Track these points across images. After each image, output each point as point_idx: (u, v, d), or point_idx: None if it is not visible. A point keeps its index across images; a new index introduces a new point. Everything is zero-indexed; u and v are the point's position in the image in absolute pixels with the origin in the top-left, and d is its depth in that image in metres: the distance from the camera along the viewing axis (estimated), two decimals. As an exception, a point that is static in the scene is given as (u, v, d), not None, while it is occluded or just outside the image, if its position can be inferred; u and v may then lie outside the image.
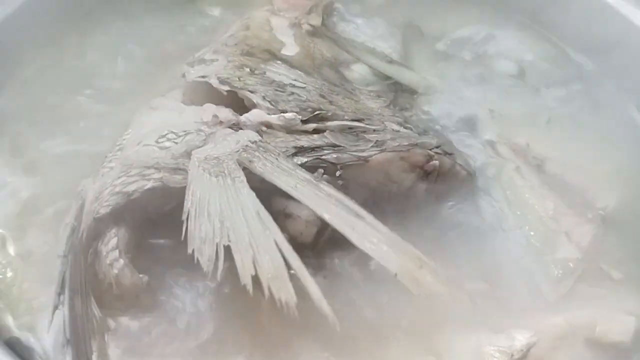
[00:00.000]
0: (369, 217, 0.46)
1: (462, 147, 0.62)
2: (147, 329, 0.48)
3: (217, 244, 0.43)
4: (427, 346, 0.49)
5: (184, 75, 0.61)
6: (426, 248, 0.48)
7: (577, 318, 0.52)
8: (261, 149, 0.50)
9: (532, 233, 0.57)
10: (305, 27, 0.69)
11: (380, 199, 0.54)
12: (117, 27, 0.71)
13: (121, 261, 0.47)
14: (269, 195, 0.49)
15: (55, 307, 0.45)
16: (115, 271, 0.47)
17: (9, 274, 0.51)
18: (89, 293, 0.47)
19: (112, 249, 0.48)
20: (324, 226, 0.51)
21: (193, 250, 0.43)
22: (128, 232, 0.49)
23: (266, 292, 0.41)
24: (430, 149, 0.55)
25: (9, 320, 0.48)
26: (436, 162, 0.55)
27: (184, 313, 0.49)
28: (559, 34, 0.75)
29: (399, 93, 0.65)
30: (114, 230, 0.49)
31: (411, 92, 0.67)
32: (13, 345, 0.46)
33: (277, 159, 0.49)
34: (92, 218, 0.49)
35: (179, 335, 0.48)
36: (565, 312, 0.52)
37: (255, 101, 0.54)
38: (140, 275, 0.48)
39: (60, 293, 0.46)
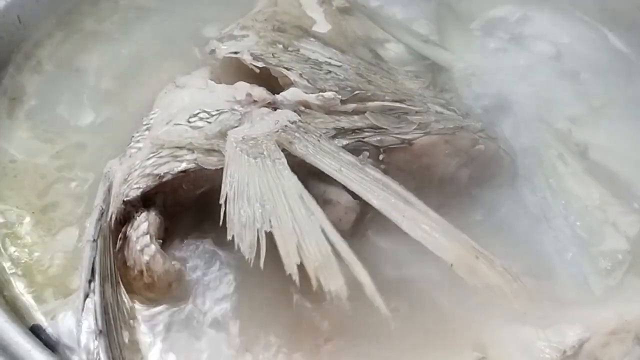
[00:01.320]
0: (419, 203, 0.43)
1: (502, 132, 0.59)
2: (180, 319, 0.45)
3: (258, 229, 0.41)
4: (473, 340, 0.47)
5: (212, 52, 0.58)
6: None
7: (627, 312, 0.49)
8: (301, 129, 0.47)
9: (577, 223, 0.54)
10: (337, 2, 0.66)
11: (421, 183, 0.51)
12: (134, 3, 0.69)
13: (152, 247, 0.45)
14: (305, 181, 0.46)
15: (86, 295, 0.43)
16: (147, 258, 0.44)
17: (34, 258, 0.48)
18: (118, 281, 0.44)
19: (143, 234, 0.45)
20: (363, 213, 0.49)
21: (233, 237, 0.41)
22: (159, 217, 0.46)
23: (314, 281, 0.38)
24: (475, 133, 0.53)
25: (34, 306, 0.45)
26: (482, 147, 0.52)
27: (219, 303, 0.46)
28: (596, 16, 0.72)
29: (436, 74, 0.63)
30: (144, 214, 0.46)
31: (448, 73, 0.64)
32: (37, 332, 0.43)
33: (319, 140, 0.46)
34: (121, 201, 0.46)
35: (213, 325, 0.45)
36: (615, 306, 0.50)
37: (292, 79, 0.51)
38: (173, 263, 0.45)
39: (90, 280, 0.43)
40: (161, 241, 0.46)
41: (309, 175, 0.47)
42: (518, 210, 0.55)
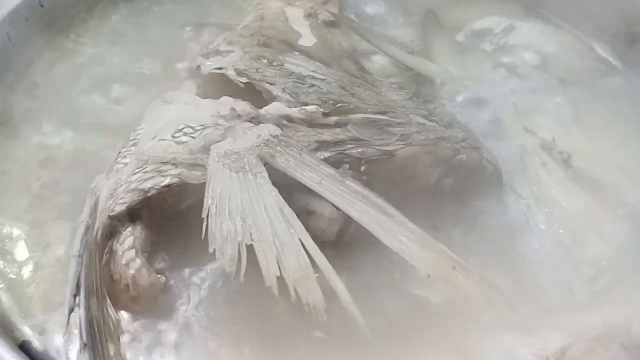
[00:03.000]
0: (398, 215, 0.44)
1: (486, 141, 0.60)
2: (165, 331, 0.46)
3: (239, 242, 0.42)
4: (455, 349, 0.47)
5: (198, 67, 0.59)
6: (451, 246, 0.46)
7: (611, 318, 0.50)
8: (283, 143, 0.48)
9: (561, 231, 0.55)
10: (323, 16, 0.67)
11: (404, 195, 0.52)
12: (124, 20, 0.70)
13: (138, 261, 0.45)
14: (290, 192, 0.47)
15: (71, 310, 0.44)
16: (132, 271, 0.45)
17: (22, 272, 0.49)
18: (104, 294, 0.45)
19: (128, 248, 0.46)
20: (346, 224, 0.49)
21: (214, 250, 0.41)
22: (144, 231, 0.47)
23: (292, 293, 0.39)
24: (457, 143, 0.54)
25: (22, 323, 0.46)
26: (463, 157, 0.53)
27: (203, 315, 0.47)
28: (581, 26, 0.72)
29: (421, 85, 0.63)
30: (129, 229, 0.47)
31: (432, 84, 0.65)
32: (26, 349, 0.44)
33: (300, 153, 0.47)
34: (107, 216, 0.47)
35: (197, 338, 0.46)
36: (599, 312, 0.50)
37: (274, 93, 0.52)
38: (158, 276, 0.46)
39: (75, 294, 0.44)
40: (147, 255, 0.47)
41: (294, 187, 0.48)
42: (502, 219, 0.56)
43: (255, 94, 0.55)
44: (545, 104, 0.65)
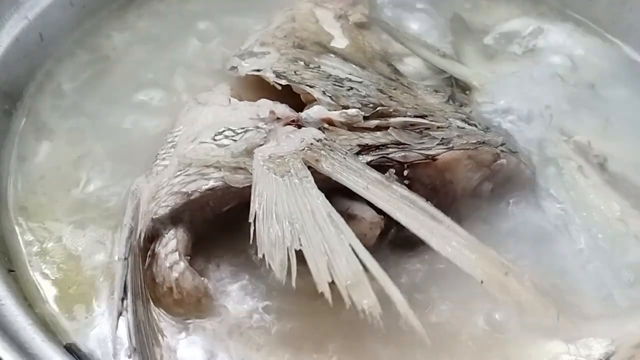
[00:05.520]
0: (447, 220, 0.43)
1: (520, 145, 0.59)
2: (209, 334, 0.46)
3: (288, 248, 0.41)
4: (500, 355, 0.47)
5: (233, 68, 0.58)
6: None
7: (652, 326, 0.49)
8: (327, 147, 0.47)
9: (600, 236, 0.54)
10: (355, 18, 0.66)
11: (444, 198, 0.51)
12: (156, 21, 0.69)
13: (181, 264, 0.45)
14: (329, 195, 0.46)
15: (120, 314, 0.43)
16: (176, 275, 0.45)
17: (64, 275, 0.48)
18: (148, 298, 0.45)
19: (172, 251, 0.46)
20: (387, 228, 0.49)
21: (264, 255, 0.41)
22: (187, 234, 0.47)
23: (346, 300, 0.39)
24: (496, 147, 0.53)
25: (65, 323, 0.46)
26: (504, 161, 0.53)
27: (247, 318, 0.46)
28: (610, 28, 0.72)
29: (454, 88, 0.63)
30: (172, 232, 0.47)
31: (464, 87, 0.64)
32: (72, 351, 0.44)
33: (344, 157, 0.47)
34: (150, 219, 0.46)
35: (242, 341, 0.46)
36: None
37: (315, 96, 0.52)
38: (202, 279, 0.46)
39: (123, 298, 0.44)
40: (189, 258, 0.47)
41: (333, 191, 0.47)
42: (540, 224, 0.55)
43: (289, 96, 0.55)
44: (577, 107, 0.64)
